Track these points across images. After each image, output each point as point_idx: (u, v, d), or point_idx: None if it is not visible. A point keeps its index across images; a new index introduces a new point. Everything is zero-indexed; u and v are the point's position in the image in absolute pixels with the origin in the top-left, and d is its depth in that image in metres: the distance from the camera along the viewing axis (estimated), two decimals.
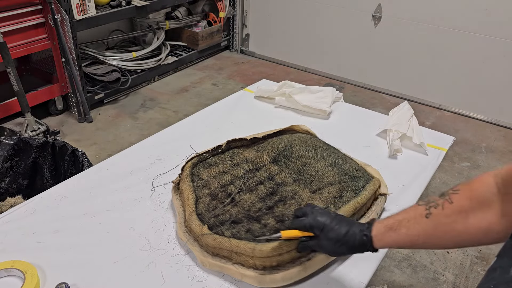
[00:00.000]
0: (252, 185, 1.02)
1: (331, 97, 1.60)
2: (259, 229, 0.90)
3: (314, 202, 0.96)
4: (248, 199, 0.98)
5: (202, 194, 0.98)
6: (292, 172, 1.07)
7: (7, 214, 1.04)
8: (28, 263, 0.86)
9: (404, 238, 0.72)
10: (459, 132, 2.90)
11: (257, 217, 0.93)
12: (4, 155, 1.61)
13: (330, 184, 1.02)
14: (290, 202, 0.97)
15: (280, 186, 1.02)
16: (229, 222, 0.91)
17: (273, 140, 1.19)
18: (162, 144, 1.34)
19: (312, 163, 1.09)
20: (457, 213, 0.67)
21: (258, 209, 0.95)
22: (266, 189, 1.01)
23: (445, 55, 3.06)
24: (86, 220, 1.02)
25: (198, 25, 3.77)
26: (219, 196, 0.98)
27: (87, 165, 1.56)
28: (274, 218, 0.93)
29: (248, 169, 1.07)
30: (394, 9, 3.16)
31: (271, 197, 0.99)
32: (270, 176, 1.06)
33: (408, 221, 0.72)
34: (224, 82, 3.52)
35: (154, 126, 2.80)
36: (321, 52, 3.66)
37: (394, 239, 0.73)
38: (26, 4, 2.41)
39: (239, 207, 0.96)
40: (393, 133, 1.37)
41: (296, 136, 1.21)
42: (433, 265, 1.86)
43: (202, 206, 0.95)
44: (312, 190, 1.01)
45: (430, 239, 0.70)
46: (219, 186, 1.01)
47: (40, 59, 2.83)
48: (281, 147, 1.15)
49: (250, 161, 1.10)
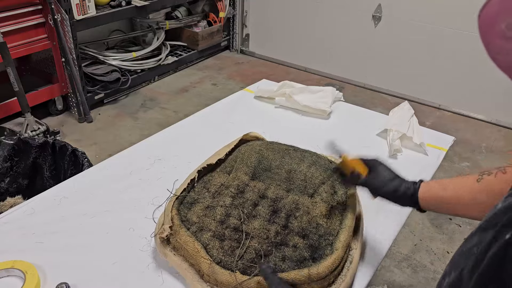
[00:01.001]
0: (250, 210, 0.92)
1: (331, 97, 1.60)
2: (293, 252, 0.83)
3: (317, 205, 0.93)
4: (259, 226, 0.88)
5: (206, 239, 0.85)
6: (281, 183, 1.00)
7: (7, 214, 1.04)
8: (28, 263, 0.86)
9: (450, 194, 0.76)
10: (459, 132, 2.90)
11: (281, 241, 0.86)
12: (4, 155, 1.61)
13: (322, 183, 0.99)
14: (300, 214, 0.91)
15: (278, 201, 0.95)
16: (260, 259, 0.81)
17: (237, 156, 1.08)
18: (162, 144, 1.34)
19: (296, 168, 1.03)
20: (509, 182, 0.67)
21: (276, 232, 0.87)
22: (266, 209, 0.93)
23: (445, 55, 3.06)
24: (86, 220, 1.02)
25: (198, 25, 3.77)
26: (226, 234, 0.86)
27: (87, 165, 1.57)
28: (298, 236, 0.87)
29: (233, 194, 0.96)
30: (394, 9, 3.15)
31: (278, 215, 0.91)
32: (260, 194, 0.97)
33: (458, 182, 0.76)
34: (224, 82, 3.52)
35: (154, 126, 2.80)
36: (321, 52, 3.65)
37: (440, 193, 0.78)
38: (26, 4, 2.41)
39: (257, 238, 0.86)
40: (393, 133, 1.37)
41: (257, 145, 1.12)
42: (433, 265, 1.86)
43: (216, 252, 0.82)
44: (310, 194, 0.97)
45: (475, 201, 0.72)
46: (218, 224, 0.89)
47: (40, 59, 2.82)
48: (253, 160, 1.05)
49: (228, 185, 0.99)
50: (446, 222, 2.11)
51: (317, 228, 0.88)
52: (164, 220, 0.89)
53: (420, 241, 2.00)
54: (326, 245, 0.85)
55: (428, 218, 2.13)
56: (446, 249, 1.95)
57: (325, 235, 0.87)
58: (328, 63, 3.65)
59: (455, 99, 3.14)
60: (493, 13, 0.31)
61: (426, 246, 1.97)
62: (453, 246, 1.97)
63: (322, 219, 0.90)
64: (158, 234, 0.87)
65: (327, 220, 0.90)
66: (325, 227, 0.89)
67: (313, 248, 0.85)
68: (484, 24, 0.32)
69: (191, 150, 1.28)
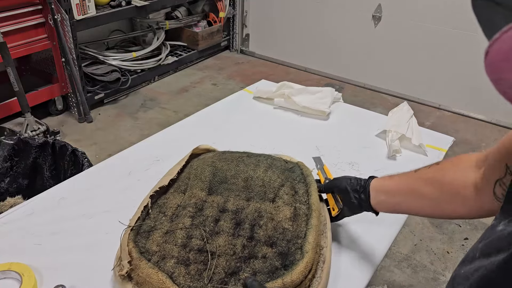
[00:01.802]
0: (212, 227, 0.87)
1: (330, 97, 1.60)
2: (263, 264, 0.80)
3: (280, 209, 0.91)
4: (223, 242, 0.83)
5: (171, 267, 0.79)
6: (240, 193, 0.96)
7: (5, 215, 1.03)
8: (25, 265, 0.86)
9: (393, 183, 0.81)
10: (459, 132, 2.90)
11: (249, 254, 0.82)
12: (4, 155, 1.61)
13: (282, 185, 0.96)
14: (264, 222, 0.88)
15: (240, 213, 0.91)
16: (230, 278, 0.78)
17: (190, 173, 1.03)
18: (162, 144, 1.34)
19: (252, 175, 0.99)
20: (438, 169, 0.75)
21: (242, 246, 0.83)
22: (229, 223, 0.88)
23: (445, 55, 3.06)
24: (84, 221, 1.02)
25: (198, 25, 3.77)
26: (191, 258, 0.81)
27: (87, 165, 1.57)
28: (266, 246, 0.83)
29: (192, 214, 0.90)
30: (394, 9, 3.15)
31: (242, 227, 0.87)
32: (220, 209, 0.92)
33: (403, 173, 0.82)
34: (224, 82, 3.52)
35: (154, 126, 2.80)
36: (321, 52, 3.65)
37: (386, 181, 0.83)
38: (26, 4, 2.41)
39: (224, 255, 0.81)
40: (392, 133, 1.37)
41: (208, 157, 1.08)
42: (433, 265, 1.86)
43: (183, 280, 0.77)
44: (271, 199, 0.93)
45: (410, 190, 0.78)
46: (181, 249, 0.83)
47: (40, 59, 2.83)
48: (208, 174, 1.00)
49: (185, 205, 0.93)
50: (446, 222, 2.11)
51: (284, 233, 0.85)
52: (121, 256, 0.82)
53: (420, 241, 2.00)
54: (296, 249, 0.82)
55: (428, 218, 2.13)
56: (446, 249, 1.95)
57: (293, 239, 0.84)
58: (328, 63, 3.65)
59: (455, 99, 3.14)
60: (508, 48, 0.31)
61: (426, 246, 1.97)
62: (453, 246, 1.97)
63: (288, 223, 0.87)
64: (118, 272, 0.81)
65: (293, 222, 0.88)
66: (292, 231, 0.86)
67: (283, 255, 0.81)
68: (496, 60, 0.32)
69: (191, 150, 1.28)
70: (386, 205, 0.83)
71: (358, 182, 0.87)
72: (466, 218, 0.78)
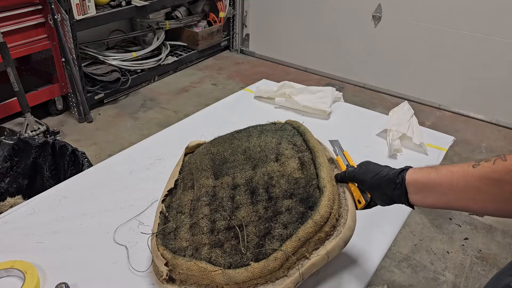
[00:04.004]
0: (230, 206, 0.89)
1: (331, 97, 1.60)
2: (289, 215, 0.82)
3: (286, 164, 0.92)
4: (246, 213, 0.86)
5: (206, 254, 0.81)
6: (244, 166, 0.97)
7: (7, 214, 1.04)
8: (28, 263, 0.86)
9: (441, 178, 0.69)
10: (459, 132, 2.91)
11: (273, 213, 0.83)
12: (4, 155, 1.61)
13: (279, 143, 0.98)
14: (276, 181, 0.90)
15: (251, 183, 0.92)
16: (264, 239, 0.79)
17: (191, 169, 1.05)
18: (162, 144, 1.34)
19: (248, 145, 1.01)
20: (508, 171, 0.61)
21: (264, 208, 0.85)
22: (244, 195, 0.90)
23: (445, 55, 3.06)
24: (86, 220, 1.02)
25: (198, 25, 3.77)
26: (222, 238, 0.83)
27: (87, 165, 1.57)
28: (286, 199, 0.85)
29: (208, 202, 0.92)
30: (394, 9, 3.16)
31: (257, 193, 0.89)
32: (232, 187, 0.94)
33: (451, 167, 0.70)
34: (224, 82, 3.52)
35: (154, 126, 2.80)
36: (321, 52, 3.66)
37: (432, 175, 0.71)
38: (26, 4, 2.41)
39: (251, 224, 0.83)
40: (393, 133, 1.37)
41: (202, 148, 1.10)
42: (433, 265, 1.86)
43: (222, 260, 0.79)
44: (274, 159, 0.95)
45: (470, 188, 0.66)
46: (209, 235, 0.84)
47: (40, 59, 2.83)
48: (207, 162, 1.02)
49: (198, 198, 0.94)
50: (446, 222, 2.11)
51: (298, 182, 0.88)
52: (157, 262, 0.83)
53: (420, 241, 2.00)
54: (314, 190, 0.84)
55: (428, 218, 2.13)
56: (446, 249, 1.95)
57: (307, 183, 0.86)
58: (328, 63, 3.65)
59: (455, 99, 3.14)
60: None
61: (426, 246, 1.97)
62: (453, 246, 1.97)
63: (297, 173, 0.89)
64: (160, 279, 0.82)
65: (302, 171, 0.90)
66: (304, 177, 0.88)
67: (304, 200, 0.84)
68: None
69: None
70: (432, 202, 0.73)
71: (389, 175, 0.77)
72: None
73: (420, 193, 0.74)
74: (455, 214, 2.16)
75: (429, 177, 0.72)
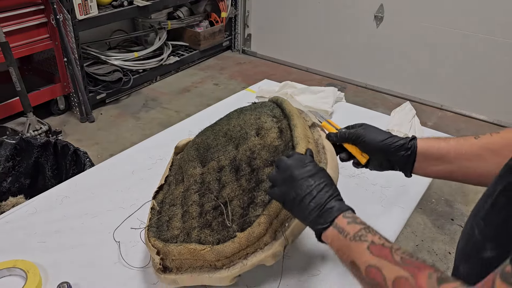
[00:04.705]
0: (217, 187, 0.90)
1: (332, 97, 1.60)
2: None
3: (267, 135, 0.91)
4: (231, 190, 0.86)
5: (196, 236, 0.82)
6: (226, 147, 0.96)
7: (9, 214, 1.04)
8: (30, 262, 0.87)
9: (451, 146, 0.74)
10: (461, 132, 2.90)
11: (256, 183, 0.83)
12: (6, 155, 1.62)
13: (258, 118, 0.97)
14: (257, 153, 0.88)
15: (235, 161, 0.92)
16: (248, 209, 0.80)
17: (180, 164, 1.06)
18: (163, 144, 1.34)
19: (228, 127, 1.00)
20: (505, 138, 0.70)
21: (247, 180, 0.85)
22: (229, 174, 0.90)
23: (447, 55, 3.06)
24: (87, 220, 1.03)
25: (200, 25, 3.77)
26: (210, 218, 0.84)
27: (89, 165, 1.57)
28: (266, 167, 0.85)
29: (197, 189, 0.93)
30: (396, 9, 3.15)
31: (241, 169, 0.89)
32: (218, 170, 0.93)
33: (457, 138, 0.75)
34: (226, 82, 3.53)
35: (156, 126, 2.80)
36: (322, 52, 3.65)
37: (442, 144, 0.76)
38: (28, 4, 2.41)
39: (235, 198, 0.84)
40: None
41: (190, 143, 1.10)
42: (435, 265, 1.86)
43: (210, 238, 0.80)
44: (255, 134, 0.93)
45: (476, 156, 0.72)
46: (199, 218, 0.86)
47: (42, 59, 2.83)
48: (193, 153, 1.03)
49: (188, 188, 0.95)
50: (448, 222, 2.11)
51: (277, 150, 0.86)
52: (151, 254, 0.85)
53: (421, 241, 1.99)
54: (289, 149, 0.83)
55: (429, 218, 2.13)
56: (447, 250, 1.95)
57: (286, 147, 0.85)
58: (330, 63, 3.65)
59: (457, 99, 3.14)
60: None
61: (427, 246, 1.97)
62: (454, 247, 1.96)
63: (277, 141, 0.88)
64: (155, 269, 0.83)
65: (281, 138, 0.89)
66: (283, 143, 0.87)
67: None
68: None
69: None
70: (437, 170, 0.77)
71: (400, 142, 0.79)
72: None
73: (427, 161, 0.77)
74: (457, 214, 2.16)
75: (439, 146, 0.76)
